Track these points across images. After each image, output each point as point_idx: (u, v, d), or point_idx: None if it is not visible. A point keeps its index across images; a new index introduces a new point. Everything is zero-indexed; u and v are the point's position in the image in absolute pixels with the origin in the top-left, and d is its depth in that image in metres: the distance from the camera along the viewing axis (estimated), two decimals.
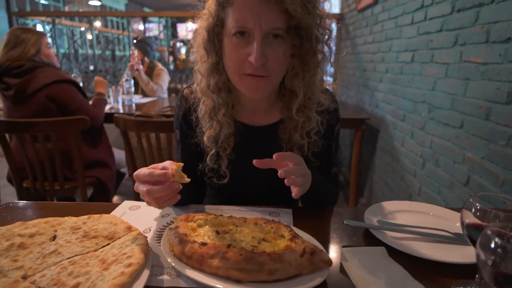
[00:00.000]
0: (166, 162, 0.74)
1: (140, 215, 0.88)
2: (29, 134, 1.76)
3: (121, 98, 2.83)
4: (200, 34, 0.85)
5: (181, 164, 0.71)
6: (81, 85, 2.14)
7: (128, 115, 1.82)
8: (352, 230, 0.83)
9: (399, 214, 0.90)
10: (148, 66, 3.51)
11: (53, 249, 0.66)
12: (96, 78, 2.38)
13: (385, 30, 2.45)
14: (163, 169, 0.71)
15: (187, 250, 0.63)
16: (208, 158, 0.92)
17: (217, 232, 0.72)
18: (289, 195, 1.10)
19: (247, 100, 0.93)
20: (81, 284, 0.56)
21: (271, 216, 0.89)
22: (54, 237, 0.71)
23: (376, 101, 2.64)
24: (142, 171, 0.71)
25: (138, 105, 2.88)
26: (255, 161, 0.76)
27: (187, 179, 0.71)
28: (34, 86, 1.84)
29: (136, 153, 1.91)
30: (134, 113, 2.26)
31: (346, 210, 1.32)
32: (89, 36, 8.34)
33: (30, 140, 1.78)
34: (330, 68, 0.90)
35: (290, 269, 0.60)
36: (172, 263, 0.63)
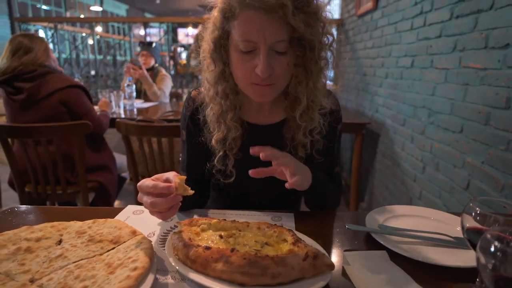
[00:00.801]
0: (169, 173, 0.75)
1: (143, 220, 0.89)
2: (32, 139, 1.78)
3: (122, 103, 2.84)
4: (207, 46, 0.87)
5: (184, 177, 0.72)
6: None
7: (130, 120, 1.83)
8: (353, 234, 0.84)
9: (400, 218, 0.91)
10: (152, 71, 3.53)
11: (59, 253, 0.67)
12: (102, 99, 2.58)
13: (384, 36, 2.47)
14: (166, 181, 0.72)
15: (192, 254, 0.64)
16: (215, 160, 0.94)
17: (221, 236, 0.73)
18: (291, 199, 1.12)
19: (252, 102, 0.96)
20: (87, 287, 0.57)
21: (273, 220, 0.90)
22: (60, 241, 0.72)
23: (376, 105, 2.66)
24: (146, 182, 0.71)
25: (140, 110, 2.90)
26: (250, 172, 0.80)
27: (191, 192, 0.72)
28: (46, 90, 1.89)
29: (138, 157, 1.92)
30: (135, 117, 2.27)
31: (347, 214, 1.32)
32: (90, 41, 8.38)
33: (33, 144, 1.79)
34: (330, 72, 0.91)
35: (293, 272, 0.61)
36: (176, 266, 0.64)
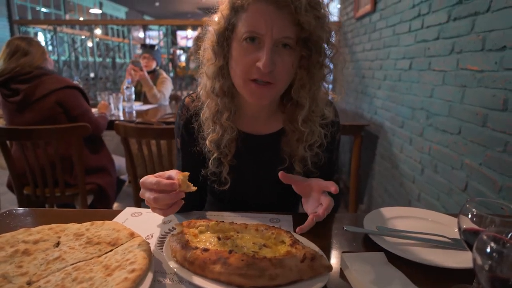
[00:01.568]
0: (172, 171, 0.75)
1: (142, 222, 0.89)
2: (31, 141, 1.78)
3: (121, 105, 2.84)
4: (210, 37, 0.86)
5: (187, 173, 0.73)
6: None
7: (129, 122, 1.83)
8: (352, 236, 0.84)
9: (398, 220, 0.91)
10: (153, 73, 3.54)
11: (57, 255, 0.66)
12: (102, 102, 2.68)
13: (383, 38, 2.48)
14: (169, 178, 0.73)
15: (189, 256, 0.64)
16: (210, 162, 0.93)
17: (219, 238, 0.73)
18: (288, 203, 1.12)
19: (249, 108, 0.94)
20: None
21: (271, 222, 0.90)
22: (57, 244, 0.72)
23: (375, 107, 2.66)
24: (149, 179, 0.72)
25: (139, 112, 2.90)
26: (281, 174, 0.81)
27: (193, 188, 0.73)
28: (42, 91, 1.90)
29: (137, 160, 1.92)
30: (134, 120, 2.27)
31: (346, 216, 1.32)
32: (89, 44, 8.40)
33: (31, 147, 1.79)
34: (330, 77, 0.92)
35: (290, 274, 0.61)
36: (174, 268, 0.64)
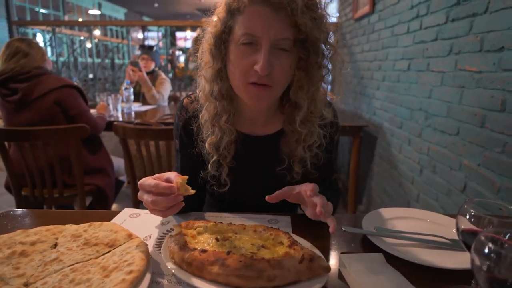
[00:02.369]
0: (170, 173, 0.75)
1: (140, 223, 0.88)
2: (29, 142, 1.77)
3: (120, 106, 2.84)
4: (207, 40, 0.85)
5: (186, 177, 0.73)
6: None
7: (128, 123, 1.83)
8: (350, 237, 0.84)
9: (397, 220, 0.91)
10: (152, 74, 3.54)
11: (55, 256, 0.66)
12: (101, 103, 2.69)
13: (381, 39, 2.48)
14: (167, 181, 0.72)
15: (187, 257, 0.64)
16: (209, 165, 0.93)
17: (217, 239, 0.72)
18: (288, 204, 1.11)
19: (248, 110, 0.94)
20: None
21: (270, 223, 0.89)
22: (55, 245, 0.72)
23: (373, 108, 2.67)
24: (147, 181, 0.72)
25: (138, 113, 2.90)
26: (267, 197, 0.79)
27: (192, 191, 0.72)
28: (41, 90, 1.90)
29: (135, 161, 1.91)
30: (133, 121, 2.27)
31: (344, 216, 1.33)
32: (88, 45, 8.39)
33: (29, 147, 1.79)
34: (328, 77, 0.92)
35: (289, 275, 0.61)
36: (172, 270, 0.64)
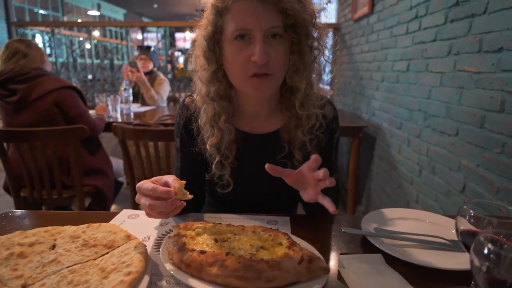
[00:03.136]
0: (169, 177, 0.74)
1: (139, 224, 0.88)
2: (28, 143, 1.77)
3: (119, 107, 2.84)
4: (199, 44, 0.87)
5: (184, 182, 0.72)
6: None
7: (127, 124, 1.82)
8: (349, 238, 0.84)
9: (396, 221, 0.91)
10: (150, 75, 3.54)
11: (53, 258, 0.66)
12: (100, 104, 2.66)
13: (380, 40, 2.48)
14: (165, 184, 0.72)
15: (186, 258, 0.63)
16: (213, 166, 0.93)
17: (216, 240, 0.72)
18: (288, 203, 1.12)
19: (248, 107, 0.95)
20: None
21: (269, 224, 0.89)
22: (53, 246, 0.71)
23: (373, 109, 2.67)
24: (145, 185, 0.71)
25: (137, 114, 2.90)
26: (267, 165, 0.72)
27: (190, 196, 0.72)
28: (40, 91, 1.89)
29: (134, 162, 1.91)
30: (132, 122, 2.27)
31: (343, 217, 1.32)
32: (87, 46, 8.38)
33: (28, 148, 1.78)
34: (327, 76, 0.92)
35: (288, 276, 0.61)
36: (171, 271, 0.64)
